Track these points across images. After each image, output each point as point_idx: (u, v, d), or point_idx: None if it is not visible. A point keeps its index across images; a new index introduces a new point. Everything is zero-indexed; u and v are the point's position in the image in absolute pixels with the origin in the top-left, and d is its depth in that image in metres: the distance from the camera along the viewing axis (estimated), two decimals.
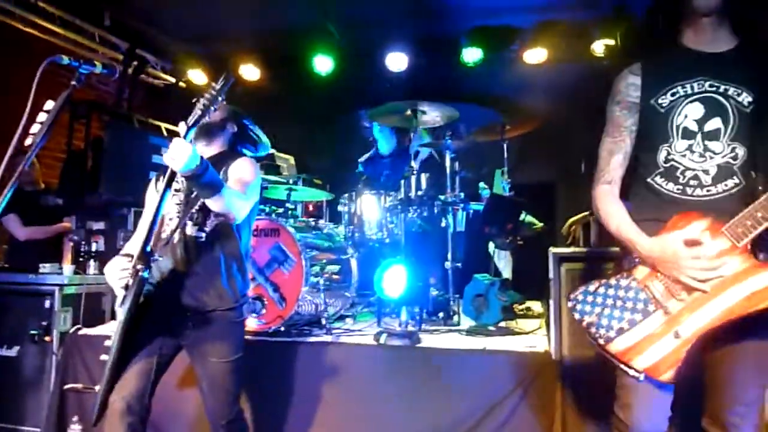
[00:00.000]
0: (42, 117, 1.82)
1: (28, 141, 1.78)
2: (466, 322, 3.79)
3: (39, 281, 3.64)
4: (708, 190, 1.71)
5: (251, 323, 3.34)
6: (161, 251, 2.18)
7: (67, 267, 3.79)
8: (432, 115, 3.87)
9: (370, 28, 5.49)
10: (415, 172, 3.66)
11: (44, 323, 3.53)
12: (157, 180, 2.43)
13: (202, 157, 1.97)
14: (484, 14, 5.32)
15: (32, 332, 3.52)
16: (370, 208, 3.94)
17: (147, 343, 2.16)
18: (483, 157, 4.80)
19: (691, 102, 1.75)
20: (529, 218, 4.49)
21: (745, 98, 1.71)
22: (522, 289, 4.40)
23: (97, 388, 2.05)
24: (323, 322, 3.44)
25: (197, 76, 6.40)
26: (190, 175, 1.94)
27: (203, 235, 2.16)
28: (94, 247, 4.11)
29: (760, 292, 1.55)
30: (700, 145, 1.72)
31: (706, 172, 1.71)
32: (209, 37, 5.90)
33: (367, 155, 4.84)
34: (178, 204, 2.27)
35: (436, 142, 4.04)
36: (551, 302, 2.85)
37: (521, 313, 4.21)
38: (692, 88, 1.75)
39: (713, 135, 1.72)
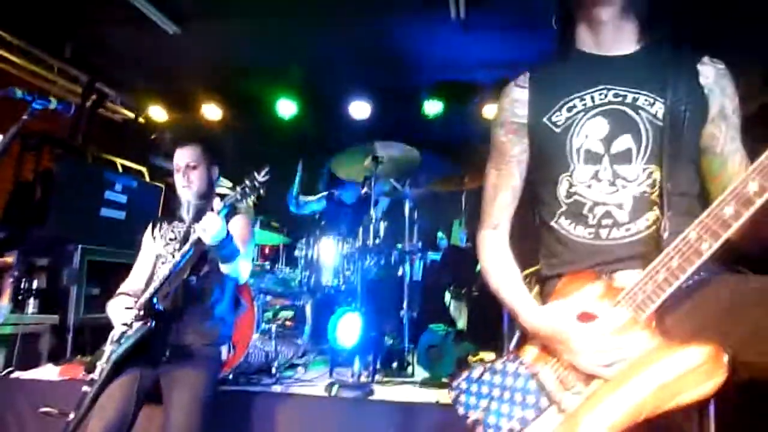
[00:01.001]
0: None
1: None
2: (421, 374, 3.74)
3: None
4: (627, 230, 1.34)
5: None
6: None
7: (4, 305, 3.60)
8: (391, 157, 3.88)
9: (334, 75, 5.59)
10: (374, 220, 3.66)
11: None
12: (154, 227, 2.60)
13: (228, 231, 2.17)
14: (445, 70, 5.49)
15: None
16: (327, 253, 3.90)
17: (128, 377, 2.17)
18: (442, 208, 4.87)
19: (592, 117, 1.39)
20: None
21: (658, 109, 1.35)
22: (477, 340, 4.39)
23: (71, 415, 2.05)
24: (273, 370, 3.34)
25: (157, 112, 6.33)
26: (216, 245, 2.14)
27: (194, 279, 2.28)
28: (35, 285, 3.92)
29: (670, 384, 1.10)
30: (608, 171, 1.36)
31: (620, 206, 1.35)
32: (172, 74, 5.87)
33: (335, 192, 4.83)
34: (173, 252, 2.44)
35: (396, 191, 4.07)
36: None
37: (475, 364, 4.19)
38: (593, 99, 1.40)
39: (623, 157, 1.36)
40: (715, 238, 1.10)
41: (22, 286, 3.87)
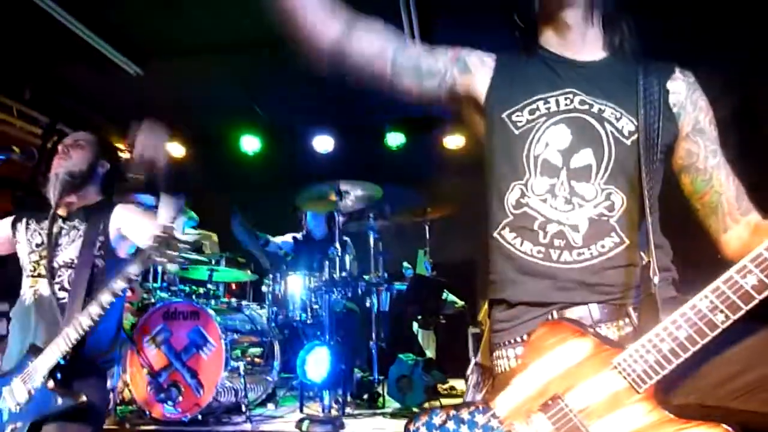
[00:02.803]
0: None
1: None
2: (392, 404, 3.77)
3: None
4: (580, 254, 1.21)
5: (166, 411, 3.18)
6: (14, 314, 2.06)
7: None
8: (355, 195, 3.98)
9: (297, 111, 5.68)
10: (339, 253, 3.71)
11: None
12: (17, 222, 2.26)
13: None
14: (405, 104, 5.63)
15: None
16: (294, 288, 3.93)
17: None
18: (406, 238, 4.95)
19: (555, 124, 1.27)
20: (452, 297, 4.61)
21: (626, 125, 1.25)
22: (446, 368, 4.45)
23: None
24: (243, 408, 3.32)
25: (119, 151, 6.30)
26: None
27: (65, 295, 2.00)
28: None
29: None
30: (564, 187, 1.24)
31: (575, 228, 1.22)
32: (134, 114, 5.86)
33: (300, 234, 4.86)
34: (38, 260, 2.10)
35: (360, 223, 4.15)
36: None
37: (445, 392, 4.24)
38: (558, 104, 1.28)
39: (582, 174, 1.24)
40: (734, 311, 0.98)
41: None
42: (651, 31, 1.43)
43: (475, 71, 1.37)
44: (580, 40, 1.33)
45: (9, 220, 2.30)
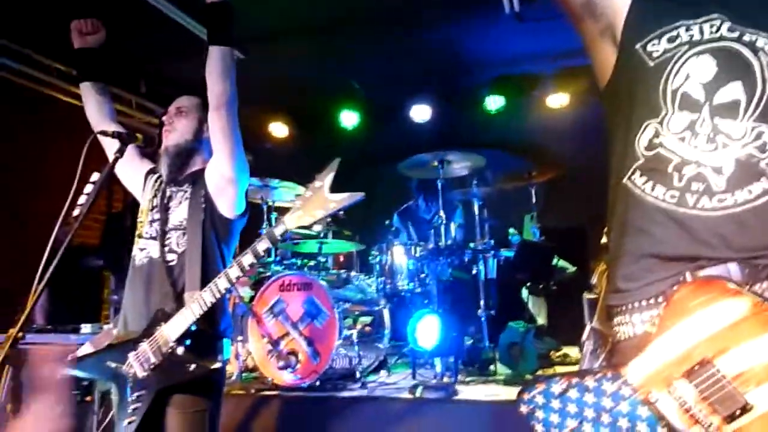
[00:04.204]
0: (88, 188, 1.93)
1: (76, 212, 1.88)
2: (503, 372, 3.73)
3: (81, 342, 3.72)
4: (721, 200, 1.05)
5: (286, 378, 3.35)
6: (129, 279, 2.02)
7: (108, 327, 3.88)
8: (457, 162, 3.94)
9: (394, 82, 5.66)
10: (444, 221, 3.69)
11: (85, 383, 3.59)
12: (149, 174, 2.21)
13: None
14: (505, 63, 5.44)
15: (74, 392, 3.57)
16: (400, 258, 3.97)
17: None
18: (511, 203, 4.82)
19: (697, 54, 1.10)
20: (562, 263, 4.46)
21: None
22: (558, 335, 4.33)
23: None
24: (358, 375, 3.43)
25: None
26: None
27: (174, 258, 1.95)
28: None
29: None
30: (707, 124, 1.07)
31: (717, 170, 1.06)
32: (240, 97, 6.12)
33: (404, 207, 4.88)
34: (152, 221, 2.05)
35: (463, 191, 4.10)
36: None
37: (558, 360, 4.13)
38: (701, 31, 1.11)
39: (728, 110, 1.07)
40: None
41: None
42: None
43: None
44: None
45: (147, 167, 2.25)
